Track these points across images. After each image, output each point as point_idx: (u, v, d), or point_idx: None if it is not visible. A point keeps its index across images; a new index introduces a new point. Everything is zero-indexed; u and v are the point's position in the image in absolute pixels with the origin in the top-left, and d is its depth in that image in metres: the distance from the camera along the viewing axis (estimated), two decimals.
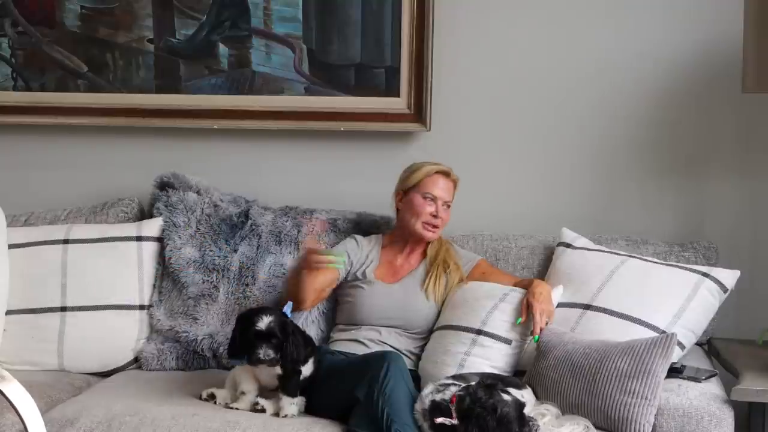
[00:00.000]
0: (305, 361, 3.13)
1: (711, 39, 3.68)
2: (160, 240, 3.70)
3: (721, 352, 3.38)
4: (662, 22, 3.73)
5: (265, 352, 3.00)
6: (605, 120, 3.79)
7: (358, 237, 3.60)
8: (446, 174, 3.49)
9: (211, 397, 3.15)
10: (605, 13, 3.76)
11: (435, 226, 3.46)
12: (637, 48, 3.74)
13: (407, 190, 3.49)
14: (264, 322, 3.02)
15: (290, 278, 3.46)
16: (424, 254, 3.53)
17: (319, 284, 3.41)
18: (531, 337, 3.23)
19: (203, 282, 3.65)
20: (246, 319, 3.07)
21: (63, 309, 3.59)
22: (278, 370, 3.07)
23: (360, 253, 3.54)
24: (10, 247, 3.64)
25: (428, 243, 3.53)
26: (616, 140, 3.79)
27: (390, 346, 3.36)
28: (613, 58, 3.76)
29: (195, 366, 3.58)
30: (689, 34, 3.71)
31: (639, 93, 3.76)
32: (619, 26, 3.76)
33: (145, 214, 3.86)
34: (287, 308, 3.16)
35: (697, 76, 3.72)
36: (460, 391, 2.83)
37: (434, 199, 3.45)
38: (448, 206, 3.49)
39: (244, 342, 3.04)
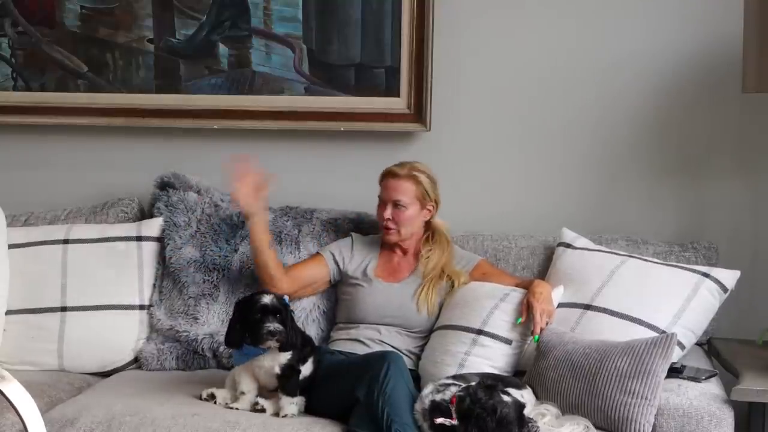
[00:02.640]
0: (305, 361, 3.13)
1: (711, 39, 3.68)
2: (160, 240, 3.70)
3: (721, 352, 3.39)
4: (662, 22, 3.73)
5: (274, 325, 2.99)
6: (605, 120, 3.79)
7: (356, 236, 3.61)
8: (393, 174, 3.46)
9: (211, 397, 3.15)
10: (605, 13, 3.76)
11: (388, 228, 3.46)
12: (637, 48, 3.74)
13: None
14: (268, 298, 3.04)
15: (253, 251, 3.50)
16: (421, 249, 3.52)
17: (304, 275, 3.50)
18: (531, 337, 3.23)
19: (204, 282, 3.65)
20: (247, 301, 3.08)
21: (63, 309, 3.59)
22: (277, 369, 3.07)
23: (354, 251, 3.55)
24: (10, 247, 3.64)
25: (422, 244, 3.52)
26: (616, 140, 3.79)
27: (390, 345, 3.36)
28: (613, 58, 3.76)
29: (195, 366, 3.58)
30: (689, 34, 3.71)
31: (639, 93, 3.76)
32: (619, 26, 3.76)
33: (145, 214, 3.86)
34: (285, 298, 3.17)
35: (697, 76, 3.72)
36: (460, 391, 2.83)
37: (383, 202, 3.47)
38: (404, 204, 3.43)
39: (247, 323, 3.03)
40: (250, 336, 3.04)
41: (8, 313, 3.57)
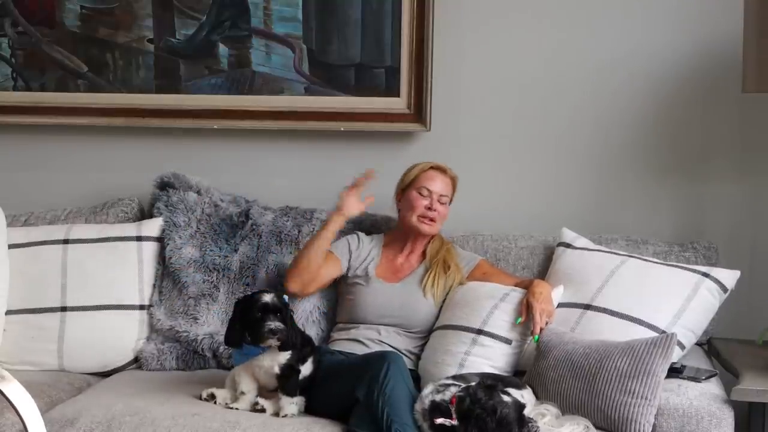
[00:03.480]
0: (304, 361, 3.13)
1: (711, 39, 3.68)
2: (160, 240, 3.70)
3: (721, 352, 3.39)
4: (662, 22, 3.73)
5: (275, 323, 3.00)
6: (605, 120, 3.79)
7: (361, 234, 3.61)
8: (442, 170, 3.52)
9: (211, 397, 3.15)
10: (605, 13, 3.76)
11: (431, 220, 3.46)
12: (637, 48, 3.74)
13: (405, 188, 3.52)
14: (269, 297, 3.04)
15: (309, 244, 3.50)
16: (425, 255, 3.53)
17: (323, 274, 3.49)
18: (531, 337, 3.23)
19: (203, 282, 3.65)
20: (247, 300, 3.09)
21: (63, 309, 3.59)
22: (276, 369, 3.07)
23: (361, 249, 3.55)
24: (10, 247, 3.64)
25: (429, 242, 3.53)
26: (616, 140, 3.80)
27: (390, 345, 3.36)
28: (613, 59, 3.76)
29: (195, 366, 3.58)
30: (689, 34, 3.71)
31: (639, 93, 3.76)
32: (619, 26, 3.76)
33: (145, 214, 3.86)
34: (285, 297, 3.17)
35: (697, 76, 3.72)
36: (460, 391, 2.83)
37: (429, 193, 3.46)
38: (445, 201, 3.50)
39: (247, 322, 3.03)
40: (251, 335, 3.04)
41: (8, 313, 3.57)
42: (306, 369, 3.14)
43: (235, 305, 3.15)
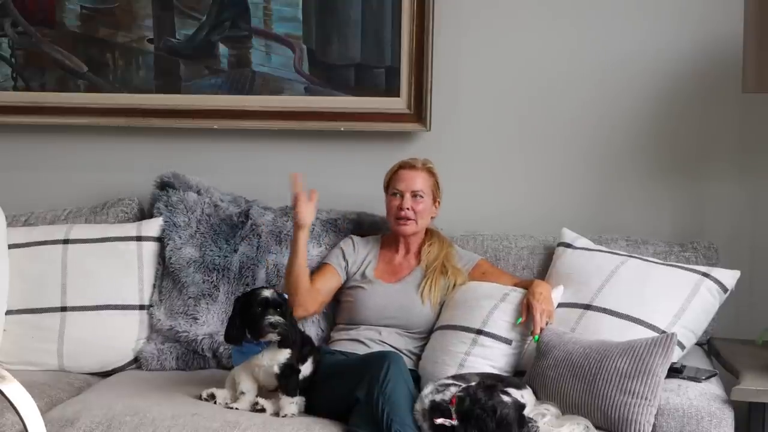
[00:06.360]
0: (304, 360, 3.13)
1: (711, 39, 3.68)
2: (160, 240, 3.70)
3: (721, 352, 3.39)
4: (662, 22, 3.73)
5: (275, 318, 3.00)
6: (605, 120, 3.79)
7: (355, 237, 3.61)
8: (410, 166, 3.50)
9: (211, 397, 3.15)
10: (605, 13, 3.76)
11: (407, 218, 3.45)
12: (637, 48, 3.74)
13: (386, 194, 3.53)
14: (268, 292, 3.06)
15: (286, 273, 3.48)
16: (420, 254, 3.53)
17: (324, 289, 3.48)
18: (531, 337, 3.23)
19: (203, 282, 3.65)
20: (247, 296, 3.10)
21: (63, 309, 3.59)
22: (276, 368, 3.07)
23: (357, 253, 3.55)
24: (10, 247, 3.64)
25: (424, 241, 3.52)
26: (616, 140, 3.80)
27: (390, 345, 3.36)
28: (615, 58, 3.76)
29: (195, 366, 3.58)
30: (689, 34, 3.71)
31: (639, 93, 3.76)
32: (620, 26, 3.76)
33: (145, 214, 3.86)
34: (285, 294, 3.17)
35: (697, 76, 3.72)
36: (459, 392, 2.83)
37: (400, 193, 3.46)
38: (421, 195, 3.46)
39: (247, 318, 3.04)
40: (251, 330, 3.05)
41: (8, 313, 3.57)
42: (306, 369, 3.14)
43: (234, 301, 3.16)
